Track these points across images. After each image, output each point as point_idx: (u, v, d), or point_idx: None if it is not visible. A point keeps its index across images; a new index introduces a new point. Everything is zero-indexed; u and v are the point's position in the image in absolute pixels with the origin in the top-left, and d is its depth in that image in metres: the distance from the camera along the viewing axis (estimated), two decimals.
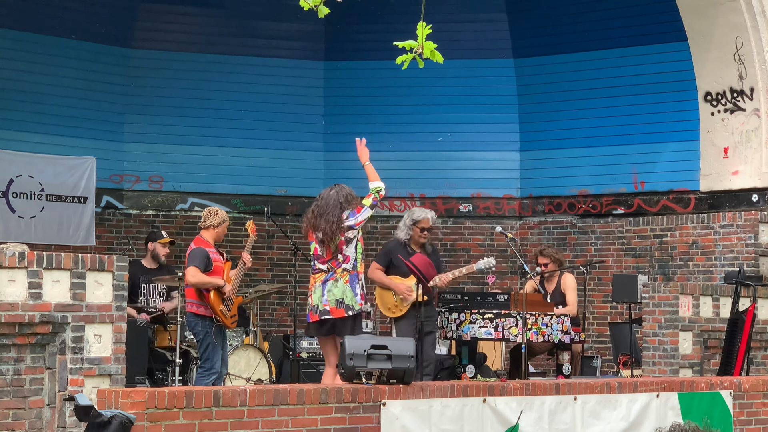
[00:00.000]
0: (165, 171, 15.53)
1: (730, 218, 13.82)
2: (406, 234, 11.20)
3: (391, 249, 11.24)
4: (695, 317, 11.83)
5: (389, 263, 11.17)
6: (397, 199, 15.80)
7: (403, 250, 11.15)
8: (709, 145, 13.98)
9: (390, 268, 11.17)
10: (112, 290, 8.77)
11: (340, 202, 9.99)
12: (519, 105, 15.60)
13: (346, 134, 15.89)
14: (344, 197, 10.03)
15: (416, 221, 11.18)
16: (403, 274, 11.08)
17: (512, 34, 15.54)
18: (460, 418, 8.57)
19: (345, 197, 10.04)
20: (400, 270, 11.09)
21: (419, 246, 11.22)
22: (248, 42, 15.71)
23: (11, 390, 8.38)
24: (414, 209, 11.53)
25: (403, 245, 11.19)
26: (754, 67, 13.36)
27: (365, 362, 8.26)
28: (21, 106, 14.54)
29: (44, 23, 14.62)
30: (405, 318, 11.06)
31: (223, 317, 10.81)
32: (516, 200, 15.66)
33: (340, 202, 9.99)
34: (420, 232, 11.16)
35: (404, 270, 11.03)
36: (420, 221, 11.17)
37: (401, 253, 11.12)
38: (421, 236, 11.17)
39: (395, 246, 11.24)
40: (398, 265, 11.10)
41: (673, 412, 9.72)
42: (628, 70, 14.71)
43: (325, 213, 9.94)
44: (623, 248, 14.86)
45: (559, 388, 9.21)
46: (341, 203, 9.98)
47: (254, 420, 7.70)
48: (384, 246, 11.67)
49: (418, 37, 4.97)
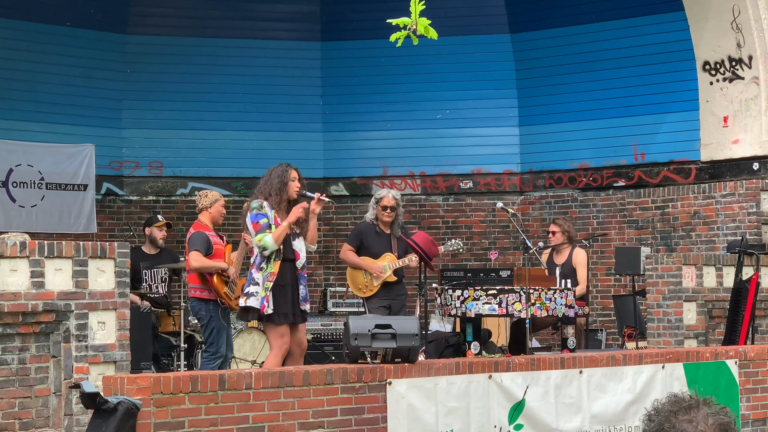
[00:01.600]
0: (164, 156, 15.52)
1: (731, 187, 13.80)
2: (372, 214, 11.48)
3: (362, 230, 11.49)
4: (699, 287, 11.83)
5: (360, 244, 11.40)
6: (398, 177, 15.79)
7: (372, 230, 11.42)
8: (709, 114, 13.95)
9: (360, 250, 11.41)
10: (115, 277, 8.77)
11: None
12: (517, 80, 15.58)
13: (345, 114, 15.89)
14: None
15: (378, 200, 11.45)
16: (373, 255, 11.36)
17: (508, 9, 15.49)
18: (466, 395, 8.58)
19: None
20: (370, 251, 11.36)
21: (387, 226, 11.45)
22: (244, 24, 15.68)
23: (17, 379, 8.39)
24: (379, 189, 11.82)
25: (372, 225, 11.45)
26: (752, 35, 13.31)
27: (370, 342, 8.26)
28: (18, 95, 14.52)
29: (40, 11, 14.58)
30: (375, 296, 11.32)
31: (227, 299, 10.82)
32: (516, 175, 15.65)
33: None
34: (382, 211, 11.40)
35: (374, 251, 11.33)
36: (381, 199, 11.42)
37: (369, 234, 11.39)
38: (383, 215, 11.40)
39: (365, 227, 11.49)
40: (368, 246, 11.34)
41: (678, 383, 9.72)
42: (625, 42, 14.68)
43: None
44: (625, 220, 14.85)
45: (564, 362, 9.21)
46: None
47: (260, 402, 7.71)
48: (354, 227, 11.92)
49: (412, 13, 4.95)
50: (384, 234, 11.45)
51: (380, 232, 11.43)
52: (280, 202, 9.38)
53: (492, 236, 15.63)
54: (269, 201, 9.36)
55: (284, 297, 9.29)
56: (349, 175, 15.88)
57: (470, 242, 15.56)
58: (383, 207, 11.41)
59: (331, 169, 15.85)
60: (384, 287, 11.37)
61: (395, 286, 11.44)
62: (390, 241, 11.47)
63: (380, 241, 11.43)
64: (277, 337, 9.30)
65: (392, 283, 11.39)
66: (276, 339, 9.33)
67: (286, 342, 9.28)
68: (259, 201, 9.36)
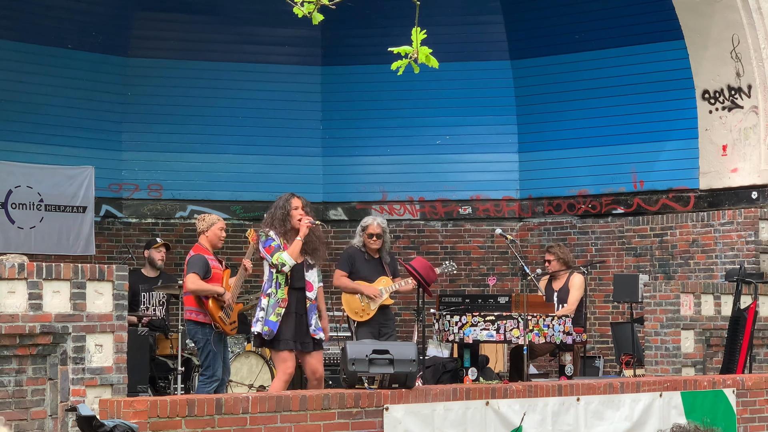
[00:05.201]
0: (164, 179, 15.52)
1: (730, 216, 13.81)
2: (359, 241, 11.56)
3: (351, 254, 11.58)
4: (697, 316, 11.82)
5: (351, 269, 11.47)
6: (397, 203, 15.80)
7: (361, 255, 11.51)
8: (708, 143, 13.97)
9: (351, 275, 11.49)
10: (113, 300, 8.76)
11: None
12: (517, 107, 15.60)
13: (344, 139, 15.91)
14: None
15: (364, 228, 11.54)
16: (365, 279, 11.44)
17: (509, 36, 15.53)
18: (464, 422, 8.56)
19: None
20: (360, 275, 11.44)
21: (374, 252, 11.53)
22: (245, 48, 15.71)
23: (13, 401, 8.37)
24: (366, 217, 11.92)
25: (361, 251, 11.53)
26: (751, 65, 13.35)
27: (367, 367, 8.26)
28: (18, 117, 14.53)
29: (41, 33, 14.61)
30: (366, 323, 11.38)
31: (222, 324, 10.80)
32: (515, 202, 15.65)
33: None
34: (369, 238, 11.49)
35: (365, 275, 11.42)
36: (367, 227, 11.51)
37: (359, 259, 11.48)
38: (370, 242, 11.49)
39: (354, 252, 11.58)
40: (359, 271, 11.43)
41: (676, 411, 9.71)
42: (625, 70, 14.71)
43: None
44: (623, 248, 14.85)
45: (561, 390, 9.20)
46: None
47: (257, 427, 7.69)
48: (343, 253, 11.93)
49: (413, 42, 4.96)
50: (373, 259, 11.54)
51: (369, 258, 11.51)
52: (285, 232, 9.64)
53: (490, 262, 15.63)
54: (275, 231, 9.61)
55: (287, 324, 9.47)
56: (348, 200, 15.88)
57: (468, 268, 15.55)
58: (369, 235, 11.49)
59: (330, 194, 15.86)
60: (380, 311, 11.41)
61: (387, 310, 11.54)
62: (381, 264, 11.54)
63: (370, 266, 11.50)
64: (280, 363, 9.53)
65: (385, 306, 11.47)
66: (278, 364, 9.57)
67: (289, 367, 9.47)
68: (264, 231, 9.65)
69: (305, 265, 9.66)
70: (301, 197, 9.86)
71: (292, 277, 9.56)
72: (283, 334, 9.48)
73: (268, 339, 9.49)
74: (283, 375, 9.52)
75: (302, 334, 9.57)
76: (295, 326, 9.52)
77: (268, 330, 9.44)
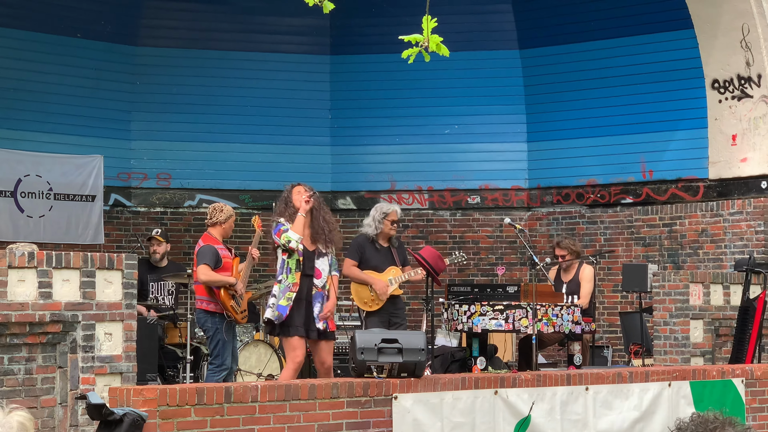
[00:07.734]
0: (172, 168, 15.53)
1: (739, 205, 13.79)
2: (375, 229, 11.54)
3: (361, 243, 11.60)
4: (706, 305, 11.81)
5: (361, 258, 11.49)
6: (405, 192, 15.79)
7: (371, 245, 11.52)
8: (717, 132, 13.95)
9: (361, 264, 11.51)
10: (122, 288, 8.78)
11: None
12: (526, 96, 15.58)
13: (353, 128, 15.90)
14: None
15: (387, 214, 11.54)
16: (375, 269, 11.45)
17: (518, 25, 15.52)
18: (472, 411, 8.56)
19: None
20: (370, 264, 11.46)
21: (386, 240, 11.55)
22: (253, 38, 15.70)
23: (23, 389, 8.40)
24: (380, 204, 12.03)
25: (371, 240, 11.54)
26: (761, 54, 13.32)
27: (376, 356, 8.26)
28: (27, 106, 14.54)
29: (49, 22, 14.62)
30: (375, 312, 11.40)
31: (233, 313, 10.82)
32: (524, 191, 15.64)
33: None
34: (391, 225, 11.51)
35: (375, 264, 11.43)
36: (389, 213, 11.53)
37: (369, 248, 11.50)
38: (392, 229, 11.53)
39: (364, 241, 11.59)
40: (369, 260, 11.47)
41: (685, 401, 9.70)
42: (634, 59, 14.68)
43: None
44: (632, 237, 14.84)
45: (570, 379, 9.20)
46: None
47: (266, 416, 7.70)
48: (353, 242, 11.91)
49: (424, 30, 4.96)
50: (383, 248, 11.54)
51: (380, 247, 11.52)
52: (291, 217, 9.77)
53: (499, 252, 15.63)
54: (284, 218, 9.78)
55: (298, 310, 9.52)
56: (357, 189, 15.88)
57: (477, 257, 15.55)
58: (392, 221, 11.46)
59: (338, 183, 15.86)
60: (389, 300, 11.40)
61: (398, 299, 11.54)
62: (391, 253, 11.54)
63: (380, 256, 11.49)
64: (290, 350, 9.58)
65: (396, 296, 11.47)
66: (288, 351, 9.63)
67: (298, 356, 9.52)
68: (275, 219, 9.86)
69: (317, 253, 9.71)
70: (306, 185, 9.95)
71: (303, 264, 9.59)
72: (294, 320, 9.56)
73: (278, 323, 9.54)
74: (293, 363, 9.55)
75: (309, 320, 9.64)
76: (305, 313, 9.58)
77: (278, 315, 9.49)
